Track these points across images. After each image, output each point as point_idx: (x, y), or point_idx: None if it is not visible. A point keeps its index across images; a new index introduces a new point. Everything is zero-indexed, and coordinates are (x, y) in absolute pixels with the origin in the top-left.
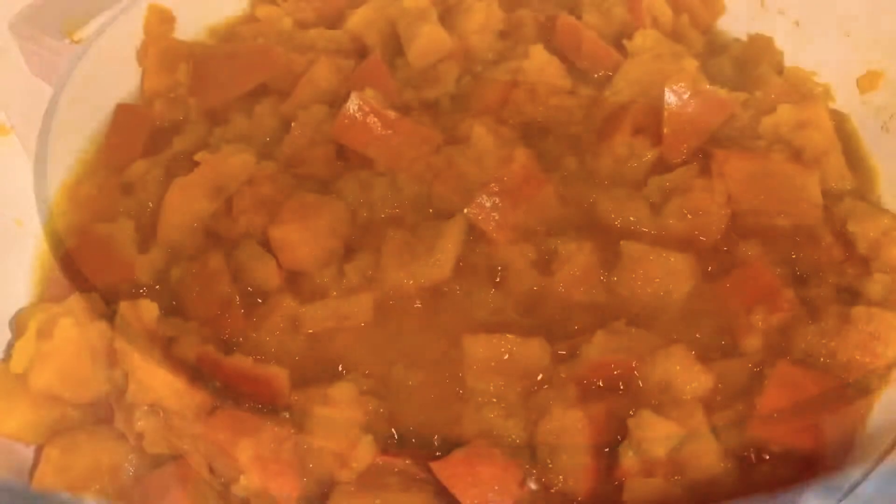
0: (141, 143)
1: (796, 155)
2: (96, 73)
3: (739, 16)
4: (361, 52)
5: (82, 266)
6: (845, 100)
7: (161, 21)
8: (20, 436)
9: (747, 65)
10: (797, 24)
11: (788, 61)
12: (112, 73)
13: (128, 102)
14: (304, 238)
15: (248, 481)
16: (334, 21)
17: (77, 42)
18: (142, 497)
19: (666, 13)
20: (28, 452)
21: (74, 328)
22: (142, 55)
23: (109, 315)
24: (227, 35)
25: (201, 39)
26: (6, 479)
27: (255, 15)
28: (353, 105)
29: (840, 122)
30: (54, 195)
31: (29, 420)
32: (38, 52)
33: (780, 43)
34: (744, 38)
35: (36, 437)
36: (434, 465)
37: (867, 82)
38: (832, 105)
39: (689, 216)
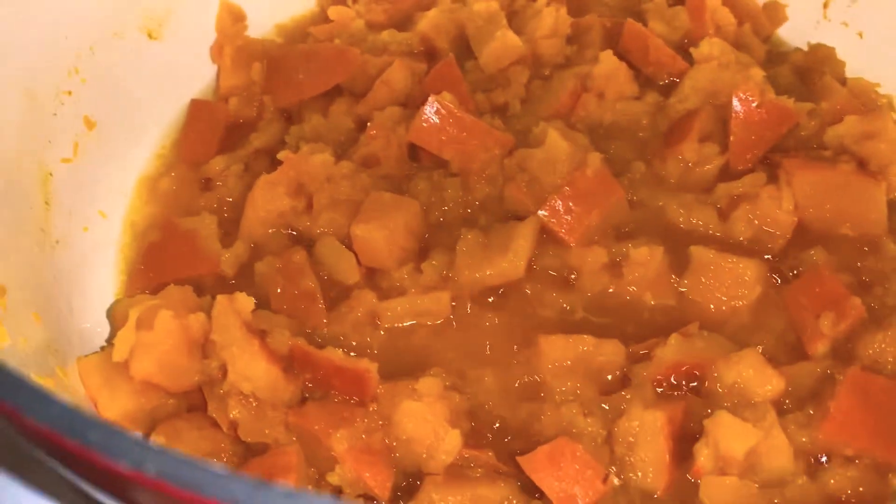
0: (217, 138)
1: (862, 165)
2: (172, 69)
3: (801, 26)
4: (432, 54)
5: (168, 259)
6: None
7: (233, 19)
8: (122, 422)
9: (808, 74)
10: (861, 35)
11: (850, 72)
12: (186, 69)
13: (201, 98)
14: (383, 236)
15: (343, 471)
16: (402, 23)
17: (154, 39)
18: None
19: (729, 21)
20: None
21: (174, 319)
22: (215, 53)
23: (202, 307)
24: (298, 34)
25: (270, 37)
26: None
27: (326, 15)
28: (431, 108)
29: None
30: (133, 188)
31: (131, 407)
32: None
33: (841, 54)
34: (804, 47)
35: (135, 423)
36: (521, 460)
37: None
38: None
39: (756, 223)
